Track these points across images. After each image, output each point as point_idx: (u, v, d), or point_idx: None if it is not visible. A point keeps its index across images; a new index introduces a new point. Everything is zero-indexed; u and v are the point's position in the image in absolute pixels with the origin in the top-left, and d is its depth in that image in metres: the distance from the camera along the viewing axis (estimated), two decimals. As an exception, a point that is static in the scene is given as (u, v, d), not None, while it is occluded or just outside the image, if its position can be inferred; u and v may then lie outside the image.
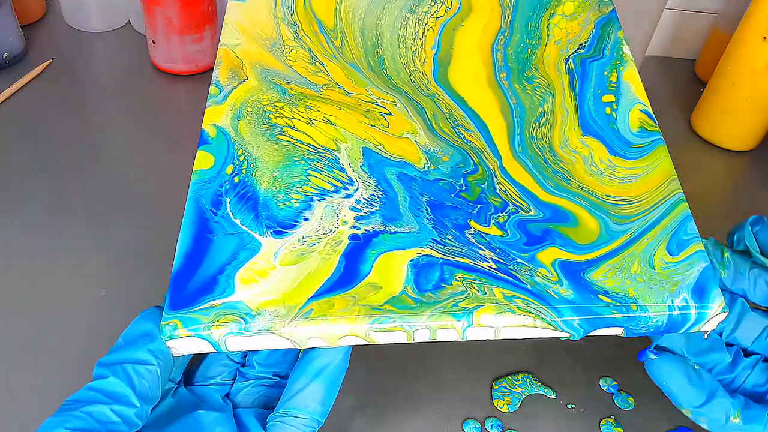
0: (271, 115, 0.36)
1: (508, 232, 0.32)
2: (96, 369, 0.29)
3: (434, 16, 0.41)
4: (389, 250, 0.31)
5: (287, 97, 0.37)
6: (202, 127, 0.35)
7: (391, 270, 0.30)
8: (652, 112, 0.37)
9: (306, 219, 0.32)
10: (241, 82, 0.37)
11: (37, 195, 0.49)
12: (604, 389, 0.41)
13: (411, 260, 0.31)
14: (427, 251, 0.31)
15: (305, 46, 0.39)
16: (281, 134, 0.35)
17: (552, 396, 0.41)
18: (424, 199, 0.33)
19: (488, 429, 0.39)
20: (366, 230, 0.31)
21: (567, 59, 0.39)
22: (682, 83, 0.66)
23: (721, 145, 0.59)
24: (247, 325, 0.28)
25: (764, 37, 0.52)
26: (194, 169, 0.33)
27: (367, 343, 0.29)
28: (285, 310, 0.29)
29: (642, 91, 0.38)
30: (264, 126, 0.35)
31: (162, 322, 0.28)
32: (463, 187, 0.34)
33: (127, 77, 0.60)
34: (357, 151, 0.35)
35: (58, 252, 0.46)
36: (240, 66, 0.38)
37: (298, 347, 0.29)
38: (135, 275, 0.45)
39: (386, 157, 0.34)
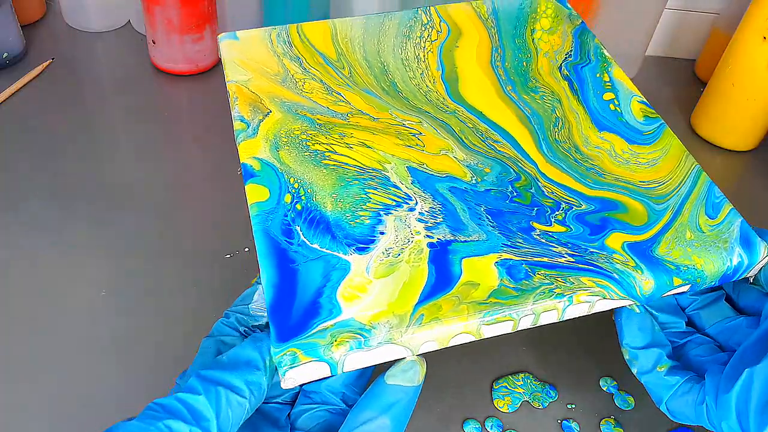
0: (308, 143, 0.36)
1: (571, 227, 0.34)
2: (192, 380, 0.28)
3: (428, 40, 0.42)
4: (469, 256, 0.32)
5: (317, 126, 0.37)
6: (242, 161, 0.35)
7: (480, 268, 0.31)
8: (647, 101, 0.40)
9: (382, 233, 0.32)
10: (265, 115, 0.37)
11: (37, 195, 0.49)
12: (604, 389, 0.41)
13: (495, 262, 0.32)
14: (505, 255, 0.32)
15: (316, 77, 0.40)
16: (325, 159, 0.35)
17: (552, 396, 0.41)
18: (482, 209, 0.34)
19: (488, 429, 0.39)
20: (439, 239, 0.32)
21: (560, 68, 0.42)
22: (682, 83, 0.66)
23: (721, 145, 0.59)
24: (366, 340, 0.29)
25: (764, 37, 0.52)
26: (250, 202, 0.33)
27: (475, 339, 0.30)
28: (397, 319, 0.29)
29: (633, 86, 0.41)
30: (305, 153, 0.35)
31: (276, 356, 0.28)
32: (514, 194, 0.35)
33: (127, 77, 0.60)
34: (403, 170, 0.35)
35: (59, 251, 0.46)
36: (258, 100, 0.38)
37: (412, 354, 0.29)
38: (135, 275, 0.45)
39: (433, 174, 0.35)
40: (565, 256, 0.32)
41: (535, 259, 0.32)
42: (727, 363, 0.32)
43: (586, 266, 0.32)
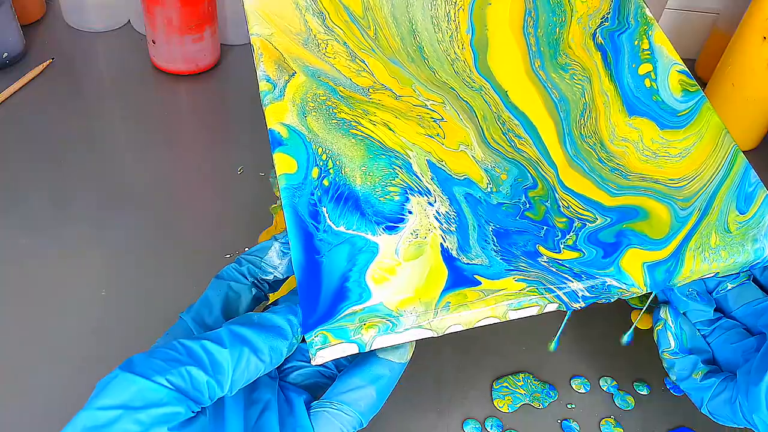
0: (334, 110, 0.35)
1: (584, 251, 0.32)
2: (222, 330, 0.29)
3: None
4: (481, 275, 0.31)
5: (340, 97, 0.35)
6: (270, 126, 0.34)
7: (499, 282, 0.31)
8: (688, 71, 0.37)
9: (410, 212, 0.32)
10: (291, 76, 0.35)
11: (37, 195, 0.49)
12: (604, 389, 0.41)
13: (515, 279, 0.31)
14: (519, 276, 0.31)
15: (339, 39, 0.38)
16: (353, 129, 0.34)
17: (552, 396, 0.41)
18: (490, 228, 0.32)
19: (488, 429, 0.39)
20: (449, 247, 0.31)
21: (594, 35, 0.39)
22: (682, 83, 0.66)
23: (721, 145, 0.59)
24: (394, 326, 0.29)
25: (764, 37, 0.52)
26: (279, 173, 0.32)
27: (501, 321, 0.30)
28: (423, 306, 0.29)
29: (673, 51, 0.38)
30: (333, 121, 0.34)
31: (307, 338, 0.29)
32: (527, 205, 0.33)
33: (127, 77, 0.60)
34: (423, 163, 0.34)
35: (58, 251, 0.46)
36: (282, 59, 0.36)
37: (437, 335, 0.30)
38: (135, 275, 0.45)
39: (452, 176, 0.34)
40: (583, 292, 0.31)
41: (550, 286, 0.31)
42: (756, 349, 0.32)
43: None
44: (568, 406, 0.40)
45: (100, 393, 0.26)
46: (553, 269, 0.31)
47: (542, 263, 0.31)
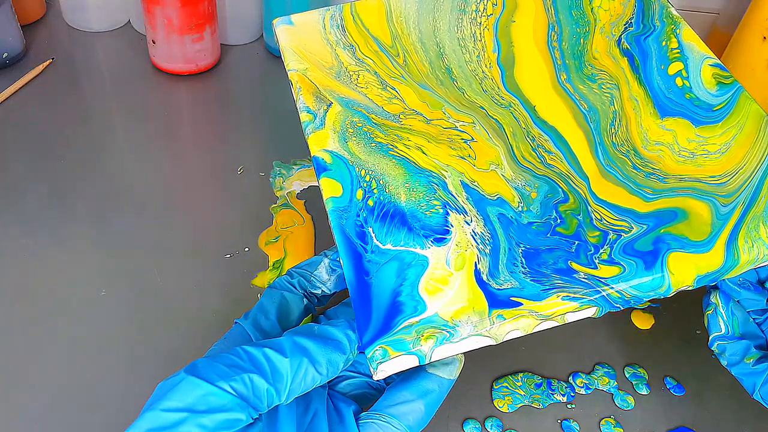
0: (371, 135, 0.36)
1: (624, 266, 0.31)
2: (284, 339, 0.29)
3: (485, 14, 0.41)
4: (516, 296, 0.31)
5: (374, 124, 0.37)
6: (314, 154, 0.35)
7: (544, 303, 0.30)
8: (722, 63, 0.36)
9: (452, 225, 0.32)
10: (329, 106, 0.37)
11: (37, 195, 0.49)
12: (604, 389, 0.41)
13: (561, 297, 0.30)
14: (563, 294, 0.30)
15: (370, 69, 0.39)
16: (392, 150, 0.35)
17: (552, 396, 0.41)
18: (520, 250, 0.32)
19: (488, 429, 0.39)
20: (481, 270, 0.31)
21: (618, 41, 0.39)
22: (682, 83, 0.66)
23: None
24: (452, 336, 0.29)
25: (764, 37, 0.52)
26: (325, 197, 0.34)
27: (560, 324, 0.30)
28: (477, 316, 0.29)
29: (704, 46, 0.37)
30: (372, 144, 0.35)
31: (368, 354, 0.29)
32: (558, 220, 0.33)
33: (127, 77, 0.60)
34: (458, 184, 0.34)
35: (58, 252, 0.46)
36: (318, 91, 0.38)
37: (496, 343, 0.30)
38: (135, 275, 0.45)
39: (485, 196, 0.34)
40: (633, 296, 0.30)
41: (597, 297, 0.30)
42: None
43: None
44: (568, 406, 0.40)
45: (165, 395, 0.27)
46: (600, 290, 0.30)
47: (582, 280, 0.30)
